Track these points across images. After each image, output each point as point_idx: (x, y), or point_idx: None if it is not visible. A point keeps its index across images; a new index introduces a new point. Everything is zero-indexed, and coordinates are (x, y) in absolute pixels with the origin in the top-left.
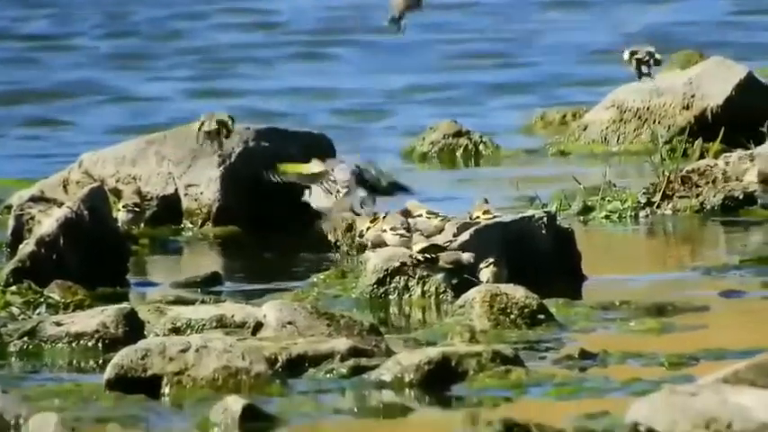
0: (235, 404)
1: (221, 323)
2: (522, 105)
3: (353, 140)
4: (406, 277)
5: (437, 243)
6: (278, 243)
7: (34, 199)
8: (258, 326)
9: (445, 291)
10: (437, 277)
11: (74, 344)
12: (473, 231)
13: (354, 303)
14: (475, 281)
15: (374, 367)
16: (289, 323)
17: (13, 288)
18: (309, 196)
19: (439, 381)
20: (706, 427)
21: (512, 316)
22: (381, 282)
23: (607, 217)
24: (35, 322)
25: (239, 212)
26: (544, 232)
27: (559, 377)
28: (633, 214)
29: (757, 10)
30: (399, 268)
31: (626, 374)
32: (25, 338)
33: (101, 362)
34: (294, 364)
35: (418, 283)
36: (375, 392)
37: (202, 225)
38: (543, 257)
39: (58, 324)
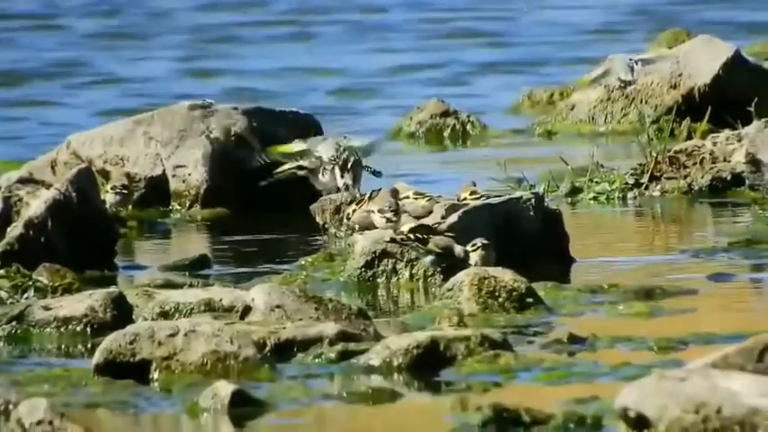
0: (224, 389)
1: (209, 307)
2: (510, 84)
3: (342, 120)
4: (394, 260)
5: (426, 224)
6: (266, 225)
7: (22, 180)
8: (246, 310)
9: (433, 274)
10: (425, 260)
11: (62, 328)
12: (461, 213)
13: (342, 287)
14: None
15: (363, 352)
16: (277, 307)
17: (1, 272)
18: (313, 178)
19: (427, 365)
20: (695, 412)
21: (500, 299)
22: (369, 265)
23: (595, 198)
24: (23, 306)
25: (227, 194)
26: (532, 214)
27: (548, 362)
28: (621, 196)
29: None
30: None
31: (615, 359)
32: (13, 323)
33: (89, 346)
34: (283, 349)
35: (406, 267)
36: (363, 377)
37: (190, 207)
38: (531, 239)
39: (47, 308)
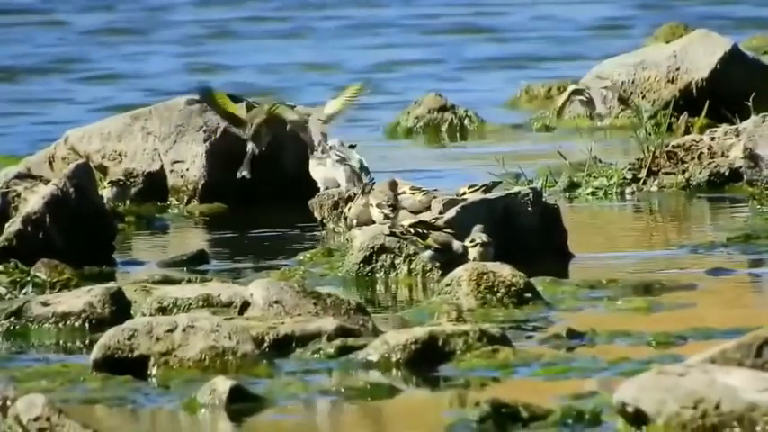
0: (222, 385)
1: (208, 302)
2: (508, 79)
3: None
4: (393, 256)
5: (425, 220)
6: (264, 221)
7: (20, 176)
8: (245, 305)
9: (432, 269)
10: (423, 255)
11: (60, 324)
12: (459, 208)
13: (341, 282)
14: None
15: (361, 347)
16: (276, 302)
17: (0, 267)
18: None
19: (426, 360)
20: (694, 408)
21: (498, 294)
22: (368, 260)
23: (593, 193)
24: (21, 302)
25: (225, 189)
26: (530, 209)
27: (547, 357)
28: (619, 191)
29: None
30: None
31: (614, 354)
32: (12, 318)
33: (87, 342)
34: (281, 344)
35: (405, 262)
36: (362, 372)
37: (188, 202)
38: (529, 235)
39: (45, 304)
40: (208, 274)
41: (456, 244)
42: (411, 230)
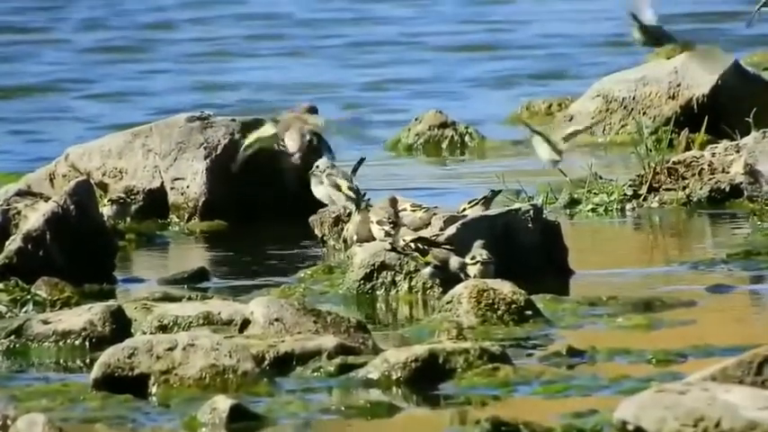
0: (222, 403)
1: (208, 320)
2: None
3: (340, 131)
4: (393, 273)
5: (425, 237)
6: (265, 238)
7: (20, 193)
8: (245, 323)
9: (432, 286)
10: (424, 272)
11: (61, 342)
12: (459, 225)
13: (341, 299)
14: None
15: (362, 365)
16: (276, 320)
17: (0, 285)
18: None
19: (426, 378)
20: (694, 426)
21: (499, 312)
22: (368, 277)
23: (593, 210)
24: (22, 320)
25: (226, 206)
26: (531, 226)
27: (547, 375)
28: (620, 207)
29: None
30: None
31: (614, 372)
32: (12, 337)
33: (88, 360)
34: (281, 362)
35: (405, 279)
36: (362, 391)
37: (189, 219)
38: (530, 252)
39: (45, 322)
40: (208, 292)
41: (453, 263)
42: (412, 245)
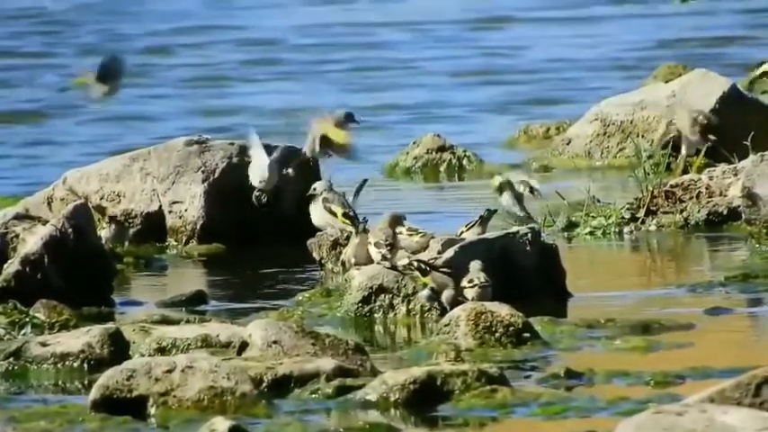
0: (221, 425)
1: (206, 343)
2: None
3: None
4: (391, 295)
5: (423, 260)
6: (263, 261)
7: (18, 217)
8: (243, 345)
9: (430, 309)
10: (421, 295)
11: (59, 364)
12: (457, 248)
13: (339, 322)
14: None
15: (360, 387)
16: (274, 342)
17: None
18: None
19: (424, 400)
20: None
21: (497, 334)
22: (366, 300)
23: (591, 233)
24: (20, 343)
25: (223, 229)
26: (528, 249)
27: (545, 396)
28: (617, 230)
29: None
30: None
31: (612, 394)
32: (11, 359)
33: (86, 383)
34: (280, 384)
35: (403, 302)
36: (360, 412)
37: (187, 243)
38: (528, 274)
39: (44, 344)
40: (206, 315)
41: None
42: (414, 264)
